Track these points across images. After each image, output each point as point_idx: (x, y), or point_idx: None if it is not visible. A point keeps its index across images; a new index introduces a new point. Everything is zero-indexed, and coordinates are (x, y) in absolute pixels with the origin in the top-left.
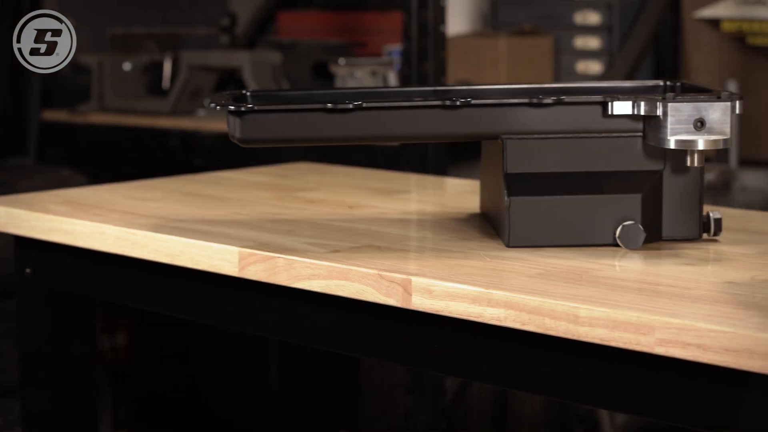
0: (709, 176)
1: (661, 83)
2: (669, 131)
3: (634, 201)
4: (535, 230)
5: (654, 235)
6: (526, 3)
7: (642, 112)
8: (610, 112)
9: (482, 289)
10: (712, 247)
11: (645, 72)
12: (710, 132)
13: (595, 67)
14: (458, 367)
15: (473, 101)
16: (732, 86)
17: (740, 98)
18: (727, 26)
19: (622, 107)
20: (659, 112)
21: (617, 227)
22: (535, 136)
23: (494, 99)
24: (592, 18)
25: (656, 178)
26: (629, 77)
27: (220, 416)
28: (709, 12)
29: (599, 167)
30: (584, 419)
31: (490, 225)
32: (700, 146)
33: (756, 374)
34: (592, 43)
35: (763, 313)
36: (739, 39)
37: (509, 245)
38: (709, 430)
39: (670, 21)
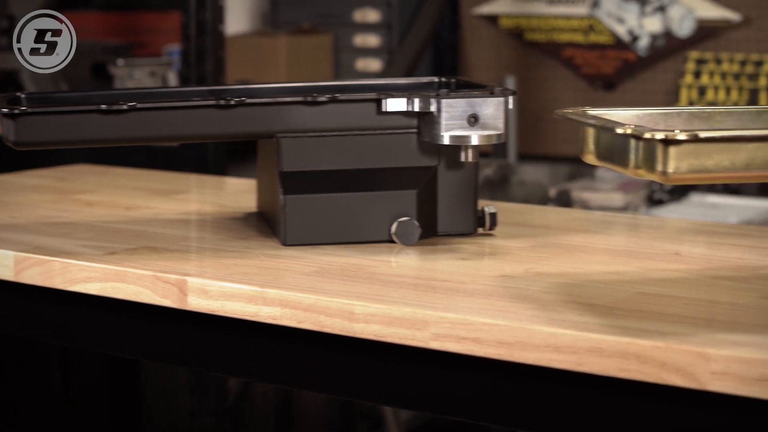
0: (488, 171)
1: (437, 80)
2: (443, 127)
3: (409, 197)
4: (310, 228)
5: (430, 231)
6: (305, 2)
7: (416, 109)
8: (384, 110)
9: (257, 288)
10: (487, 242)
11: (425, 69)
12: (484, 127)
13: (374, 64)
14: (237, 367)
15: (248, 100)
16: (510, 82)
17: (513, 93)
18: (505, 22)
19: (396, 104)
20: (433, 108)
21: (393, 223)
22: (311, 134)
23: (269, 98)
24: (372, 16)
25: (431, 174)
26: (409, 74)
27: (1, 420)
28: (487, 8)
29: (374, 164)
30: (368, 416)
31: (267, 224)
32: (474, 141)
33: (530, 366)
34: (372, 40)
35: (537, 306)
36: (517, 35)
37: (285, 243)
38: (488, 423)
39: (448, 18)
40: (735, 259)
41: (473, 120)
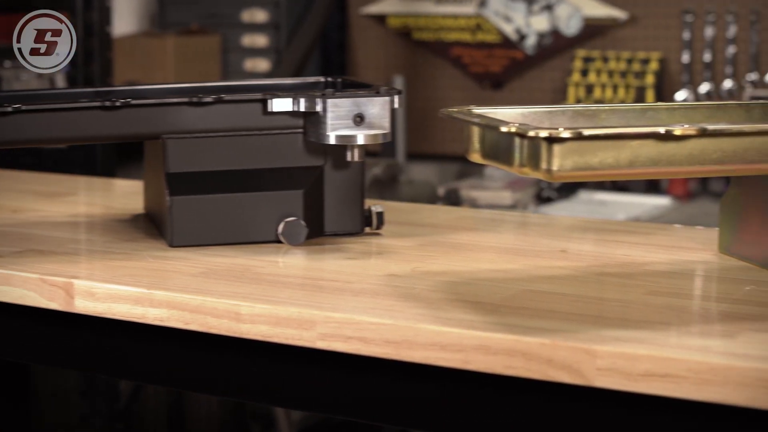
0: (376, 170)
1: (323, 80)
2: (329, 127)
3: (295, 197)
4: (197, 229)
5: (317, 231)
6: (193, 2)
7: (302, 109)
8: (270, 110)
9: (144, 290)
10: (374, 241)
11: (313, 69)
12: (370, 127)
13: (263, 64)
14: (125, 370)
15: (133, 102)
16: (399, 82)
17: (399, 92)
18: (393, 22)
19: (281, 104)
20: (319, 108)
21: (279, 224)
22: (197, 135)
23: (155, 99)
24: (260, 16)
25: (317, 173)
26: (297, 74)
27: None
28: (375, 8)
29: (260, 165)
30: (260, 417)
31: (154, 225)
32: (360, 141)
33: (417, 365)
34: (260, 41)
35: (423, 305)
36: (405, 34)
37: (172, 245)
38: (376, 422)
39: (336, 18)
40: (621, 256)
41: (359, 119)
